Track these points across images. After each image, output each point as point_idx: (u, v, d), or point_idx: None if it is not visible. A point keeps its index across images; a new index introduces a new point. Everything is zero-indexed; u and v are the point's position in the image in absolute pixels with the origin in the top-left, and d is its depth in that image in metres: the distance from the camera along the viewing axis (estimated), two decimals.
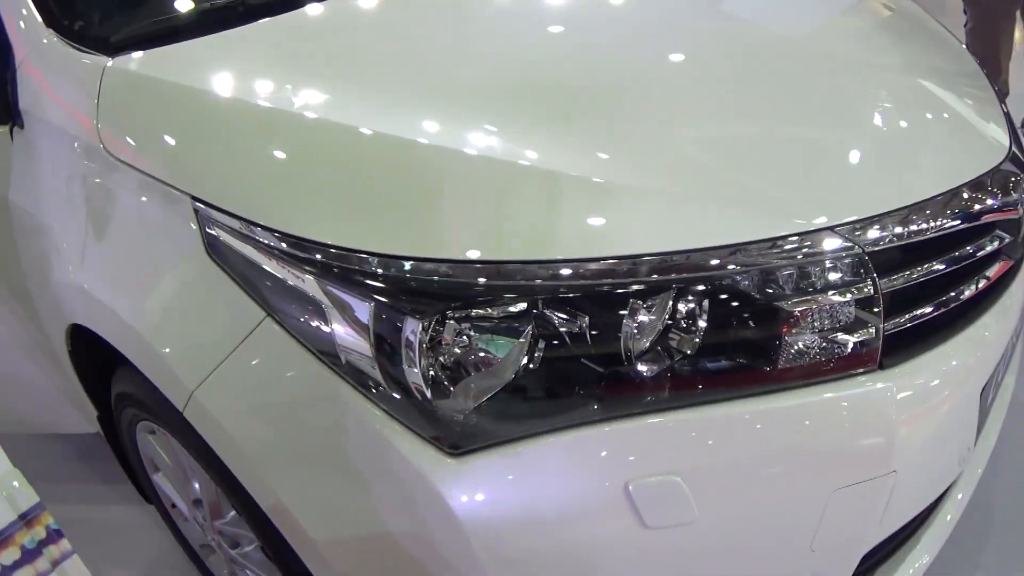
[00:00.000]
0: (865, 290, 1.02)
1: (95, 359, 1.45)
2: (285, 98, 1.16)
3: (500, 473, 0.94)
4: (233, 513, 1.34)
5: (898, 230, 1.06)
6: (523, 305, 0.94)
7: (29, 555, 1.12)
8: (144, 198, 1.19)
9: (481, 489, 0.93)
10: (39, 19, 1.36)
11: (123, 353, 1.24)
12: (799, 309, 0.99)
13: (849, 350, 1.02)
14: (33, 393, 1.79)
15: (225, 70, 1.26)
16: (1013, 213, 1.23)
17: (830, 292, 1.01)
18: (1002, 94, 2.35)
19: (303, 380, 1.01)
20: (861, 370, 1.02)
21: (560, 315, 0.95)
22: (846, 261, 1.02)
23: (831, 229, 1.02)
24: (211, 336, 1.09)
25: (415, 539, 0.98)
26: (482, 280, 0.93)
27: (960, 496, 1.38)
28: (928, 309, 1.09)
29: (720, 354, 0.99)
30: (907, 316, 1.06)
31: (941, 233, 1.10)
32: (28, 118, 1.40)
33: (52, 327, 1.47)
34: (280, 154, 1.10)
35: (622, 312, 0.94)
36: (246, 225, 1.05)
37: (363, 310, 0.95)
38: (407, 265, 0.93)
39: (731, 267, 0.97)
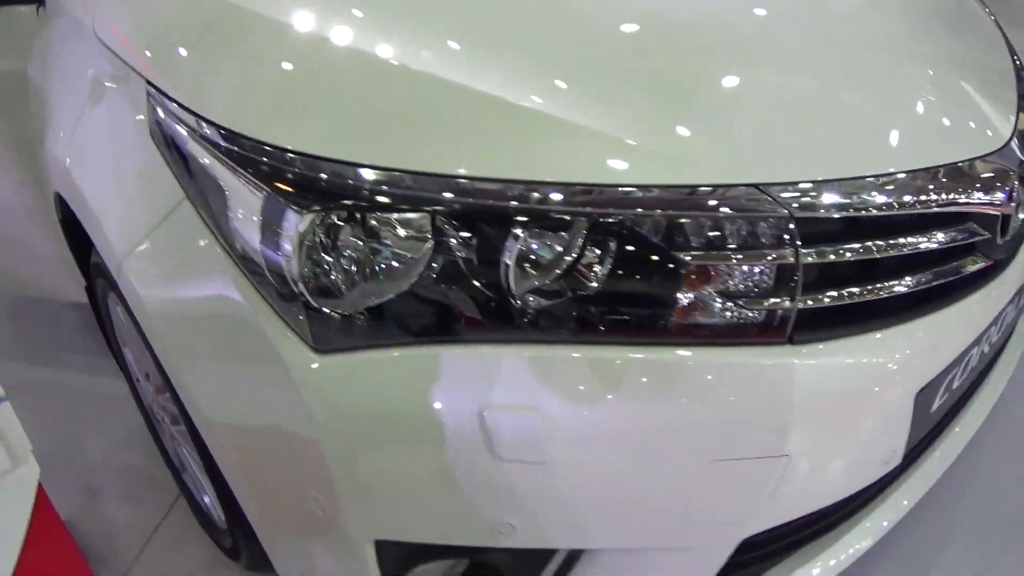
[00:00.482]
0: (785, 258, 0.96)
1: (81, 229, 1.51)
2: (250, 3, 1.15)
3: (362, 377, 0.93)
4: None
5: (835, 200, 0.99)
6: (419, 217, 0.92)
7: None
8: (113, 81, 1.23)
9: (341, 389, 0.94)
10: None
11: (80, 219, 1.29)
12: (708, 265, 0.95)
13: (756, 317, 0.97)
14: (37, 258, 1.88)
15: None
16: (990, 208, 1.13)
17: (745, 253, 0.95)
18: None
19: (205, 264, 1.03)
20: (767, 341, 0.97)
21: (457, 233, 0.93)
22: (769, 223, 0.96)
23: (757, 187, 0.96)
24: (141, 212, 1.12)
25: (282, 432, 0.99)
26: (371, 184, 0.92)
27: (904, 503, 1.31)
28: (856, 291, 1.02)
29: (616, 300, 0.95)
30: (831, 295, 1.00)
31: (886, 213, 1.02)
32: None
33: (48, 195, 1.54)
34: (217, 49, 1.10)
35: (515, 237, 0.91)
36: (184, 111, 1.06)
37: (255, 200, 0.95)
38: (299, 159, 0.93)
39: (638, 209, 0.93)
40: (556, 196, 0.92)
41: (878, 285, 1.04)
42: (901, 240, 1.04)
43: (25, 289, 2.07)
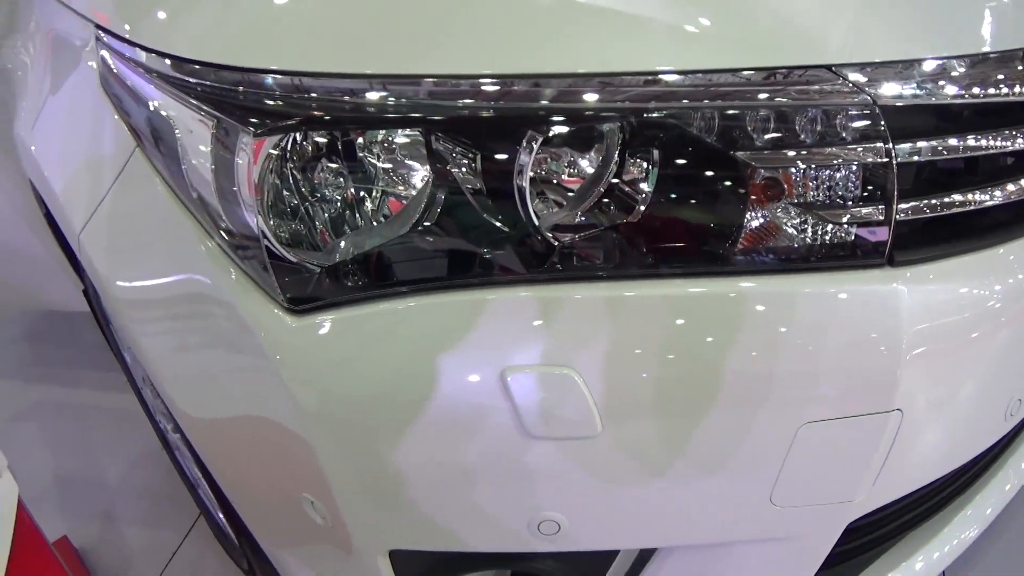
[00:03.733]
0: (875, 157, 0.75)
1: None
2: None
3: (349, 339, 0.74)
4: None
5: (930, 86, 0.77)
6: (411, 136, 0.73)
7: None
8: (66, 38, 1.08)
9: (324, 357, 0.75)
10: None
11: (46, 203, 1.13)
12: (781, 170, 0.74)
13: (847, 234, 0.76)
14: (36, 266, 1.76)
15: None
16: None
17: (825, 153, 0.74)
18: None
19: (162, 222, 0.85)
20: (861, 263, 0.75)
21: (460, 155, 0.73)
22: (851, 114, 0.75)
23: (831, 68, 0.75)
24: (95, 175, 0.95)
25: (262, 417, 0.80)
26: (346, 97, 0.72)
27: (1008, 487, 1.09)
28: (968, 199, 0.79)
29: (668, 226, 0.74)
30: (937, 203, 0.78)
31: (991, 100, 0.80)
32: None
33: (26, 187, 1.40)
34: None
35: (531, 152, 0.71)
36: (132, 47, 0.89)
37: (207, 130, 0.76)
38: (255, 77, 0.74)
39: (684, 101, 0.72)
40: (580, 93, 0.71)
41: (990, 191, 0.81)
42: (1007, 135, 0.81)
43: (31, 300, 1.95)
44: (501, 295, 0.73)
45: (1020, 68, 0.83)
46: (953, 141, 0.79)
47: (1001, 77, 0.81)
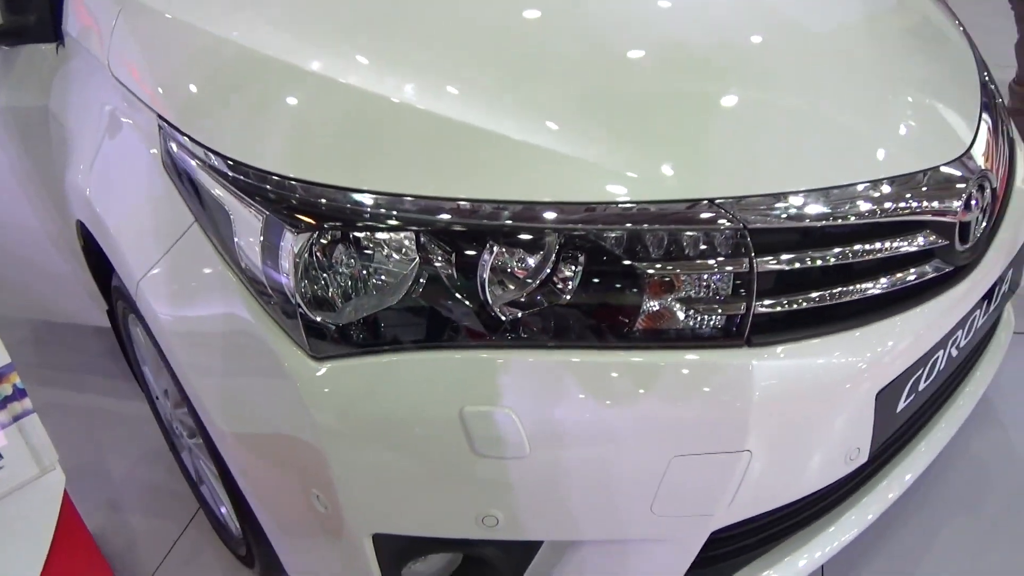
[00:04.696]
0: (740, 267, 1.05)
1: (102, 255, 1.62)
2: (257, 46, 1.25)
3: (355, 381, 1.03)
4: None
5: (787, 212, 1.07)
6: (406, 236, 1.02)
7: None
8: (129, 117, 1.34)
9: (337, 393, 1.03)
10: None
11: (101, 245, 1.40)
12: (669, 275, 1.03)
13: (715, 322, 1.05)
14: (60, 284, 1.98)
15: (221, 13, 1.37)
16: (945, 217, 1.20)
17: (703, 263, 1.04)
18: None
19: (214, 282, 1.13)
20: (727, 343, 1.05)
21: (440, 251, 1.02)
22: (725, 235, 1.04)
23: (712, 201, 1.05)
24: (155, 236, 1.23)
25: (287, 434, 1.09)
26: (361, 206, 1.02)
27: (869, 516, 1.37)
28: (812, 297, 1.09)
29: (586, 309, 1.04)
30: (786, 301, 1.08)
31: (839, 224, 1.10)
32: (69, 40, 1.58)
33: (70, 222, 1.65)
34: (224, 88, 1.21)
35: (491, 253, 1.01)
36: (193, 144, 1.17)
37: (257, 221, 1.05)
38: (296, 185, 1.03)
39: (602, 225, 1.02)
40: (528, 214, 1.02)
41: (834, 291, 1.12)
42: (856, 248, 1.11)
43: (50, 314, 2.17)
44: (464, 355, 1.02)
45: (860, 199, 1.12)
46: (807, 254, 1.08)
47: (847, 207, 1.10)
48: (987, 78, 1.59)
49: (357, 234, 1.02)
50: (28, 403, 1.36)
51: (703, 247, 1.04)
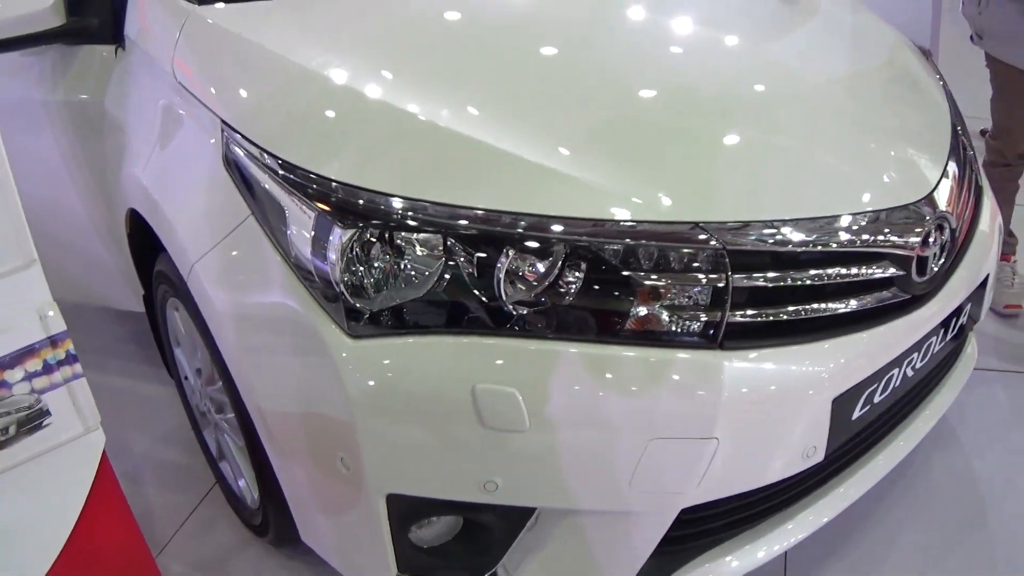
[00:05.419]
0: (717, 283, 1.23)
1: (146, 242, 1.79)
2: (307, 61, 1.45)
3: (384, 358, 1.21)
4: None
5: (763, 237, 1.25)
6: (434, 237, 1.20)
7: (48, 368, 1.44)
8: (191, 117, 1.52)
9: (368, 367, 1.21)
10: None
11: (152, 227, 1.57)
12: (657, 285, 1.21)
13: (694, 327, 1.23)
14: (98, 269, 2.14)
15: (275, 30, 1.57)
16: (903, 251, 1.37)
17: (686, 276, 1.22)
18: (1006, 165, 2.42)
19: (265, 268, 1.31)
20: (703, 345, 1.23)
21: (463, 252, 1.21)
22: (707, 254, 1.23)
23: (697, 224, 1.23)
24: (212, 223, 1.40)
25: (322, 404, 1.26)
26: (398, 210, 1.20)
27: (823, 517, 1.52)
28: (779, 311, 1.27)
29: (584, 309, 1.22)
30: (754, 313, 1.26)
31: (810, 249, 1.28)
32: (129, 43, 1.75)
33: (118, 211, 1.83)
34: (281, 97, 1.40)
35: (507, 257, 1.19)
36: (251, 145, 1.35)
37: (308, 218, 1.23)
38: (343, 187, 1.22)
39: (601, 238, 1.20)
40: (540, 226, 1.20)
41: (800, 307, 1.30)
42: (823, 272, 1.29)
43: (87, 297, 2.32)
44: (477, 340, 1.20)
45: (828, 229, 1.30)
46: (778, 274, 1.26)
47: (815, 236, 1.28)
48: (960, 130, 1.77)
49: (393, 233, 1.20)
50: (79, 367, 1.51)
51: (688, 263, 1.22)
